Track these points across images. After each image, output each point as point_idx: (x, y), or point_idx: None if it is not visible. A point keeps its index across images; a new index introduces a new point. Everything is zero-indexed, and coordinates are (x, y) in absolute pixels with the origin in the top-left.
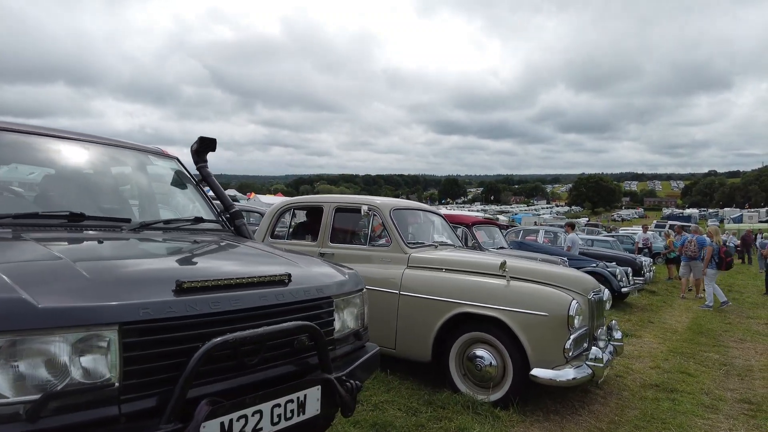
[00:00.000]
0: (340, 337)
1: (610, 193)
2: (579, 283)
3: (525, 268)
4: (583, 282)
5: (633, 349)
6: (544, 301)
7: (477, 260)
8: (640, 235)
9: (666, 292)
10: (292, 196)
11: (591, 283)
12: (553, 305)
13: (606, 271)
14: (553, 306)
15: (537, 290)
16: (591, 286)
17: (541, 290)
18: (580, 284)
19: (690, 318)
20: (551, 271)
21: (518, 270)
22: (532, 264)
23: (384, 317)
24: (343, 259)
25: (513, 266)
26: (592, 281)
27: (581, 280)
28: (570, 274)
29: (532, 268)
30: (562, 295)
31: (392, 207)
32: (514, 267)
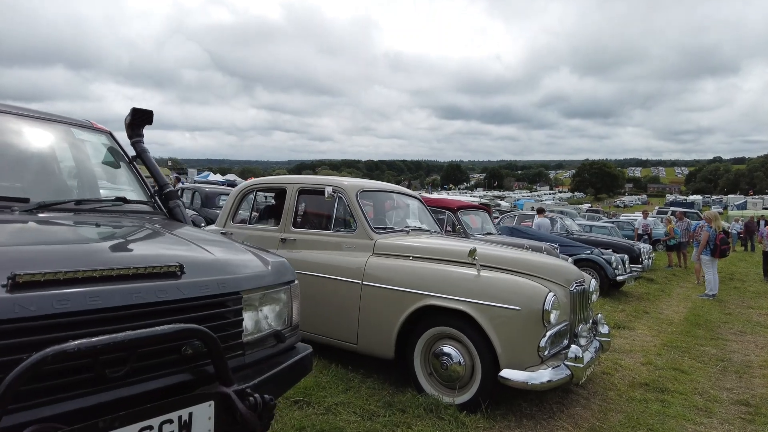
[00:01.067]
0: (252, 340)
1: (613, 180)
2: (559, 272)
3: (499, 256)
4: (564, 272)
5: (624, 343)
6: (516, 293)
7: (447, 247)
8: (639, 222)
9: (665, 280)
10: None
11: (573, 272)
12: (527, 298)
13: (600, 258)
14: (526, 299)
15: (509, 281)
16: (573, 276)
17: (514, 281)
18: (560, 274)
19: (688, 308)
20: (529, 260)
21: (491, 258)
22: (508, 252)
23: (345, 309)
24: (305, 246)
25: (486, 254)
26: (575, 271)
27: (562, 270)
28: (550, 263)
29: (507, 257)
30: (537, 286)
31: (359, 189)
32: (487, 255)
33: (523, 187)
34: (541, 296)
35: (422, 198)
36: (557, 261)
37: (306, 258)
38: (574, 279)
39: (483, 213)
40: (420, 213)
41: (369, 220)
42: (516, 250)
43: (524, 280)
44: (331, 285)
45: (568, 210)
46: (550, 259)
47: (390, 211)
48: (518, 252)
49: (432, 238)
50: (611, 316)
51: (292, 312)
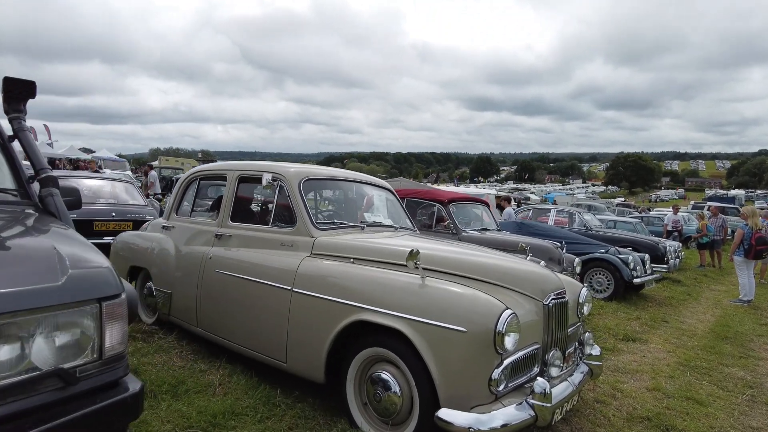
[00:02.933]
0: (6, 385)
1: (648, 173)
2: (531, 281)
3: (454, 260)
4: (537, 280)
5: (631, 360)
6: (461, 309)
7: (393, 248)
8: (669, 217)
9: (694, 282)
10: None
11: (550, 281)
12: (474, 316)
13: (616, 257)
14: (473, 318)
15: (454, 294)
16: (551, 286)
17: (460, 294)
18: (532, 283)
19: (716, 316)
20: (492, 265)
21: (445, 262)
22: (467, 254)
23: (273, 321)
24: (241, 243)
25: (438, 257)
26: (554, 280)
27: (534, 278)
28: (519, 269)
29: (464, 260)
30: (489, 301)
31: (304, 176)
32: (440, 258)
33: (556, 180)
34: (493, 314)
35: (413, 190)
36: (530, 266)
37: (239, 257)
38: (552, 289)
39: (482, 206)
40: (389, 206)
41: (311, 214)
42: (481, 253)
43: (474, 292)
44: (259, 290)
45: (596, 204)
46: (522, 264)
47: (344, 203)
48: (483, 255)
49: (389, 237)
50: (622, 325)
51: (104, 340)
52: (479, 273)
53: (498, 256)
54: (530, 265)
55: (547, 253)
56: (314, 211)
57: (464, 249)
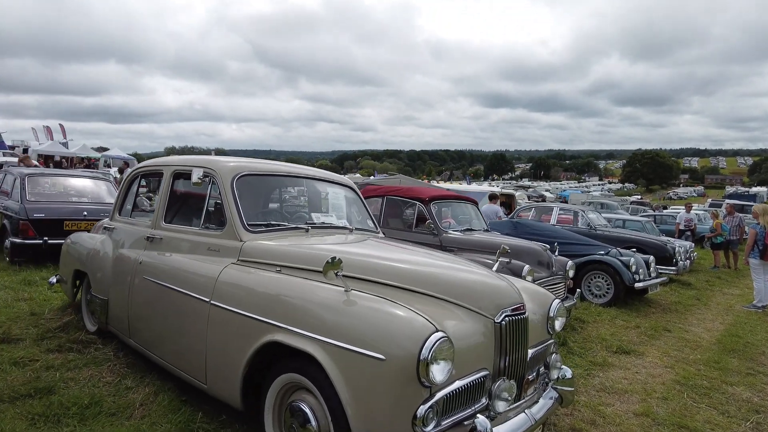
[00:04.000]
0: None
1: (666, 170)
2: (480, 294)
3: (391, 269)
4: (488, 293)
5: (621, 377)
6: (382, 331)
7: (322, 255)
8: (681, 215)
9: (705, 285)
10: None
11: (505, 295)
12: (395, 340)
13: (616, 260)
14: (394, 341)
15: (375, 312)
16: (505, 299)
17: (383, 312)
18: (481, 297)
19: (725, 325)
20: (437, 275)
21: (379, 271)
22: (410, 261)
23: (194, 336)
24: (171, 247)
25: (370, 264)
26: (509, 293)
27: (485, 291)
28: (467, 279)
29: (402, 270)
30: (413, 321)
31: (238, 172)
32: (372, 266)
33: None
34: (418, 338)
35: (394, 187)
36: (481, 277)
37: (166, 263)
38: (507, 303)
39: (470, 205)
40: (348, 205)
41: (243, 214)
42: (429, 260)
43: (400, 310)
44: (180, 301)
45: (609, 202)
46: (472, 274)
47: (291, 202)
48: (430, 263)
49: (333, 242)
50: (618, 334)
51: None
52: (420, 285)
53: (449, 264)
54: (482, 275)
55: (535, 255)
56: (255, 212)
57: (410, 256)
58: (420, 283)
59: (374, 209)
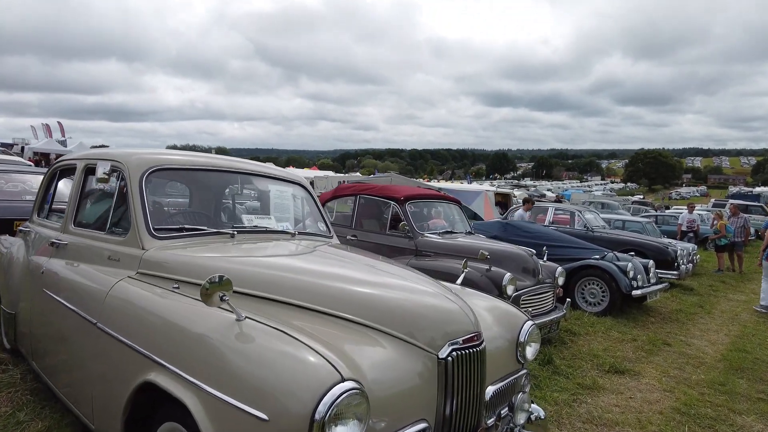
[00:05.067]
0: None
1: (669, 170)
2: (420, 323)
3: (308, 287)
4: (431, 321)
5: (612, 404)
6: (268, 380)
7: (228, 266)
8: (683, 216)
9: (709, 290)
10: (338, 172)
11: (453, 321)
12: (283, 394)
13: (612, 264)
14: (281, 396)
15: (265, 352)
16: (455, 328)
17: (274, 352)
18: (422, 326)
19: (732, 336)
20: (365, 298)
21: (290, 289)
22: (339, 277)
23: (79, 365)
24: (76, 255)
25: (286, 281)
26: (460, 320)
27: (427, 318)
28: (404, 302)
29: (324, 288)
30: (315, 367)
31: (150, 166)
32: (283, 283)
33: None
34: (313, 391)
35: (367, 185)
36: (424, 299)
37: (64, 274)
38: (456, 333)
39: (453, 206)
40: (296, 206)
41: (149, 216)
42: (366, 275)
43: (295, 350)
44: (71, 322)
45: (610, 202)
46: (414, 294)
47: (217, 201)
48: (365, 279)
49: (260, 250)
50: (612, 349)
51: None
52: (346, 310)
53: (389, 280)
54: (425, 297)
55: (519, 261)
56: (169, 214)
57: (345, 270)
58: (346, 307)
59: (347, 209)
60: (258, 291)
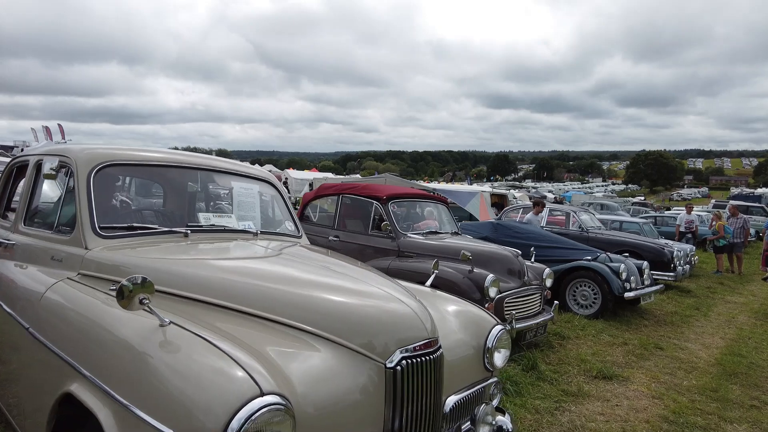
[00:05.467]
0: None
1: (670, 171)
2: (366, 327)
3: (245, 289)
4: (378, 325)
5: (597, 413)
6: (180, 392)
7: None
8: (681, 217)
9: (707, 292)
10: (339, 174)
11: (407, 327)
12: (194, 408)
13: (604, 266)
14: (192, 410)
15: (180, 361)
16: (406, 334)
17: (192, 362)
18: (368, 331)
19: (727, 339)
20: (309, 299)
21: (231, 293)
22: (285, 278)
23: (12, 371)
24: (23, 256)
25: (225, 283)
26: (412, 325)
27: (375, 322)
28: (349, 306)
29: (260, 290)
30: (231, 379)
31: (100, 161)
32: (226, 286)
33: (575, 178)
34: (225, 407)
35: (349, 185)
36: (371, 302)
37: (7, 276)
38: (410, 339)
39: (441, 206)
40: (262, 204)
41: (94, 214)
42: (315, 276)
43: (214, 359)
44: (8, 326)
45: (610, 203)
46: (362, 296)
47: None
48: (311, 279)
49: (213, 251)
50: (602, 353)
51: None
52: (283, 313)
53: (341, 282)
54: (373, 300)
55: (504, 262)
56: (120, 212)
57: (295, 271)
58: (284, 311)
59: (330, 209)
60: (194, 293)
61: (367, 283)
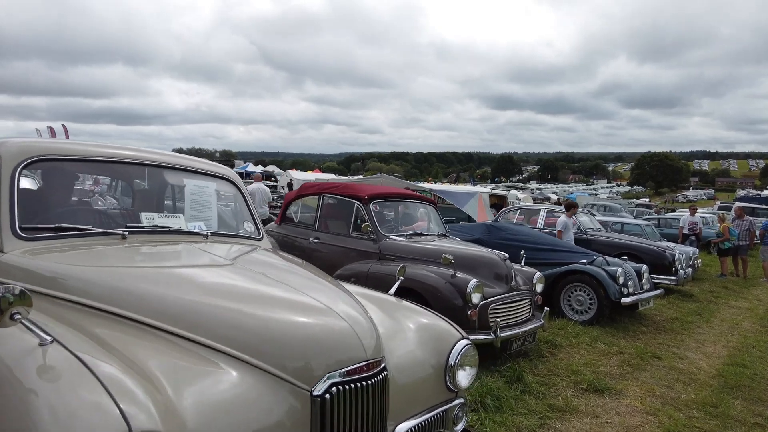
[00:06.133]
0: None
1: (676, 173)
2: (289, 349)
3: (162, 303)
4: (303, 346)
5: (583, 430)
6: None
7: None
8: (685, 219)
9: (710, 296)
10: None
11: (340, 348)
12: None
13: (600, 270)
14: None
15: (50, 391)
16: (338, 357)
17: (62, 393)
18: (291, 354)
19: (730, 348)
20: (225, 315)
21: (145, 306)
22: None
23: None
24: None
25: (128, 294)
26: (347, 346)
27: (299, 342)
28: (269, 322)
29: (176, 304)
30: (99, 415)
31: (27, 156)
32: (131, 296)
33: (580, 180)
34: None
35: (330, 184)
36: (299, 317)
37: None
38: (345, 362)
39: (428, 206)
40: (219, 203)
41: (15, 213)
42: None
43: (89, 391)
44: None
45: (613, 204)
46: (292, 309)
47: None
48: (239, 289)
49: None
50: (594, 363)
51: None
52: (195, 328)
53: (273, 293)
54: (304, 316)
55: (490, 266)
56: (51, 211)
57: (226, 279)
58: (197, 326)
59: (312, 210)
60: (100, 303)
61: (305, 294)
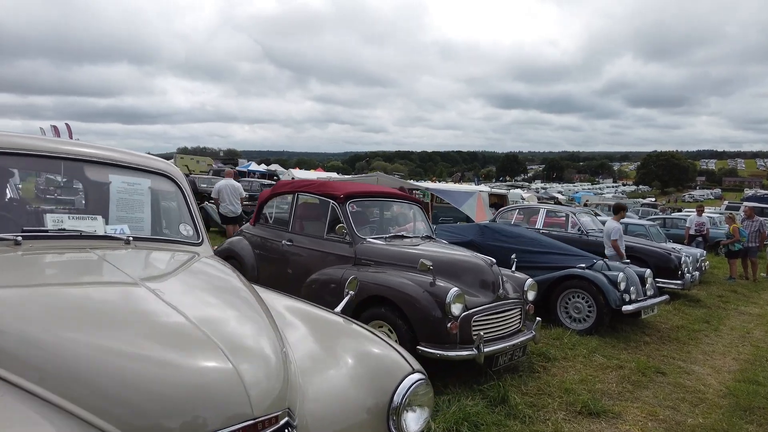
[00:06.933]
0: None
1: (682, 172)
2: (144, 404)
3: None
4: (168, 399)
5: None
6: None
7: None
8: (691, 219)
9: (718, 301)
10: (347, 173)
11: (221, 400)
12: None
13: (601, 274)
14: None
15: None
16: (218, 411)
17: None
18: (147, 409)
19: (741, 360)
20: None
21: None
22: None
23: None
24: None
25: None
26: (233, 396)
27: (159, 395)
28: (133, 374)
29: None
30: None
31: None
32: None
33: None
34: None
35: (304, 182)
36: (166, 366)
37: None
38: (228, 420)
39: (415, 206)
40: (152, 203)
41: None
42: (120, 303)
43: None
44: None
45: None
46: (164, 347)
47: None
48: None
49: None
50: (591, 380)
51: None
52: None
53: (158, 320)
54: (176, 359)
55: (475, 273)
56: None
57: (87, 301)
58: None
59: (286, 209)
60: None
61: (196, 326)
